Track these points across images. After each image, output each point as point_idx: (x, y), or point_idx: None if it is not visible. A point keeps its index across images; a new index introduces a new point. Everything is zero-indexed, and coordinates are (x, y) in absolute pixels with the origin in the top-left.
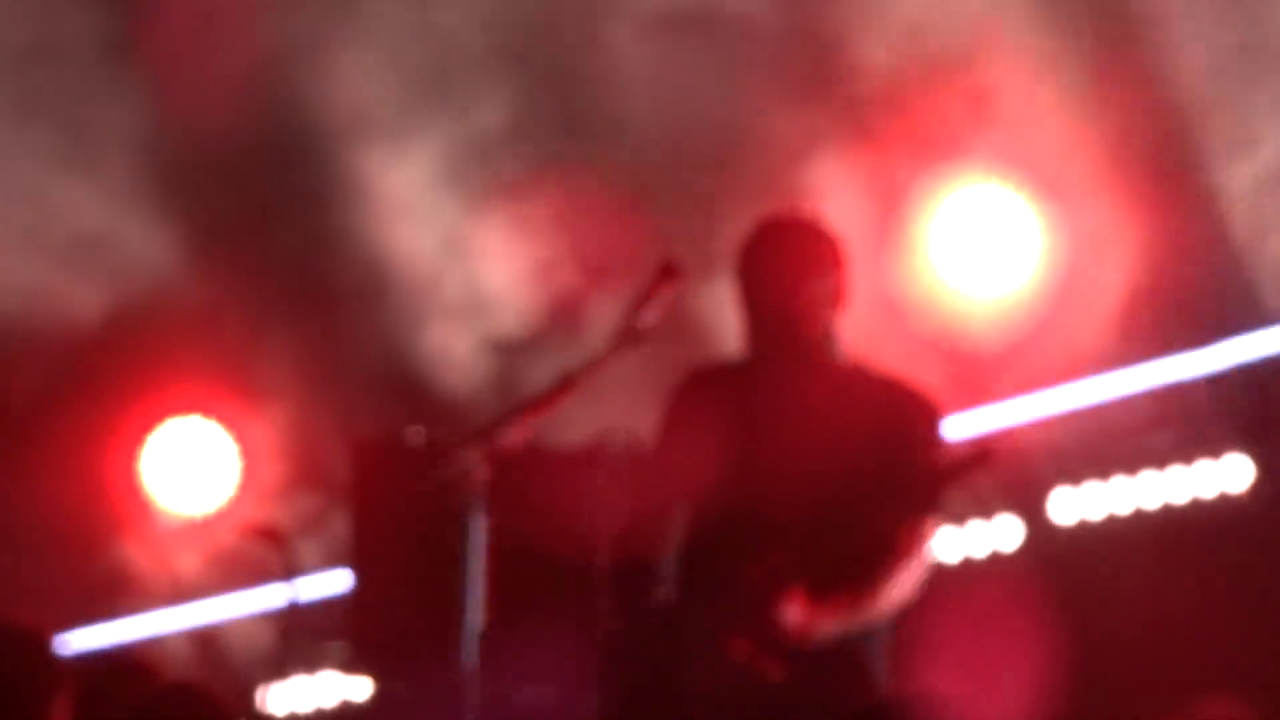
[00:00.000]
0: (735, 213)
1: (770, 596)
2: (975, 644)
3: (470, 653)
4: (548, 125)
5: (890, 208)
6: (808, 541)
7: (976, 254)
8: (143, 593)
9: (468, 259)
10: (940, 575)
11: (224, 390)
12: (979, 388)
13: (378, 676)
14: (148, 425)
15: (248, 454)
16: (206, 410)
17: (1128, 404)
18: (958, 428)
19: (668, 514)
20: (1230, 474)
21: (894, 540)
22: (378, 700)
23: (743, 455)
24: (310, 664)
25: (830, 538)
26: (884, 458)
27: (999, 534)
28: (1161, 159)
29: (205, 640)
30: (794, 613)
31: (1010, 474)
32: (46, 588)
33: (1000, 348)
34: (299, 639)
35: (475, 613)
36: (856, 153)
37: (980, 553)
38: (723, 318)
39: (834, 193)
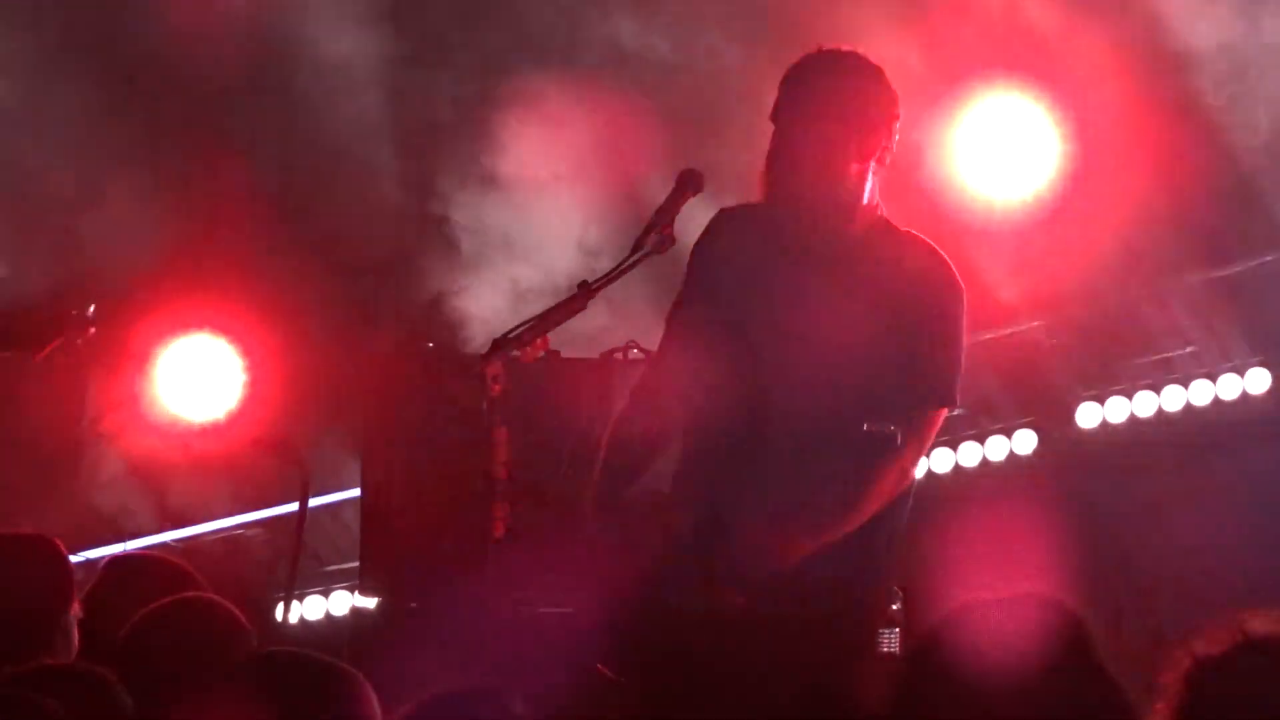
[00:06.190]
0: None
1: (766, 553)
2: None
3: (485, 569)
4: None
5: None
6: (806, 454)
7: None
8: (154, 511)
9: None
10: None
11: (231, 306)
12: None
13: (387, 595)
14: (156, 342)
15: (255, 368)
16: (214, 326)
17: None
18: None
19: (664, 413)
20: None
21: (895, 435)
22: (388, 616)
23: (749, 353)
24: (323, 582)
25: (830, 440)
26: (899, 346)
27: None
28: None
29: (220, 555)
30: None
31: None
32: (61, 505)
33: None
34: (311, 557)
35: (490, 527)
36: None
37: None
38: None
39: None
